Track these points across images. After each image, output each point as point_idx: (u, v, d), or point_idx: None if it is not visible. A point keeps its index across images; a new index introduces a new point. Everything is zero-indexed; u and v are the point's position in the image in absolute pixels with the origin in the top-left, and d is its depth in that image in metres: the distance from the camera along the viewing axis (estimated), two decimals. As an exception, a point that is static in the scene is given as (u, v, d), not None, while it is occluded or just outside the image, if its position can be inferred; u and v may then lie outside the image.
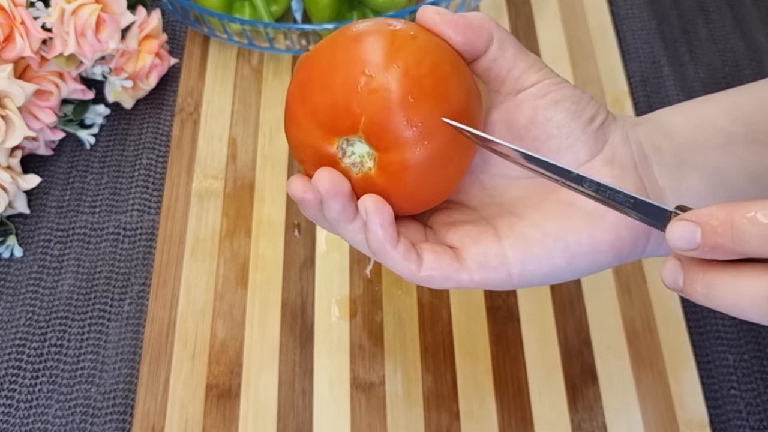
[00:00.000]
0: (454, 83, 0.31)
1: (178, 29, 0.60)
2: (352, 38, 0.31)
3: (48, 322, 0.48)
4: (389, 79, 0.29)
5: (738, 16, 0.62)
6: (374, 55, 0.30)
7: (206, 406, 0.45)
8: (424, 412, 0.44)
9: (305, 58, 0.32)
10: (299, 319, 0.47)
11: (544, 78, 0.33)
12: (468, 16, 0.32)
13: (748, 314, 0.23)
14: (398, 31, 0.31)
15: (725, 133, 0.34)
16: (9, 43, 0.47)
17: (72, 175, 0.54)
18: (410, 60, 0.30)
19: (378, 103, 0.29)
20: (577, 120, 0.33)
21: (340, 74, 0.30)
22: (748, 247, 0.22)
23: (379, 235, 0.30)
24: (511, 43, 0.33)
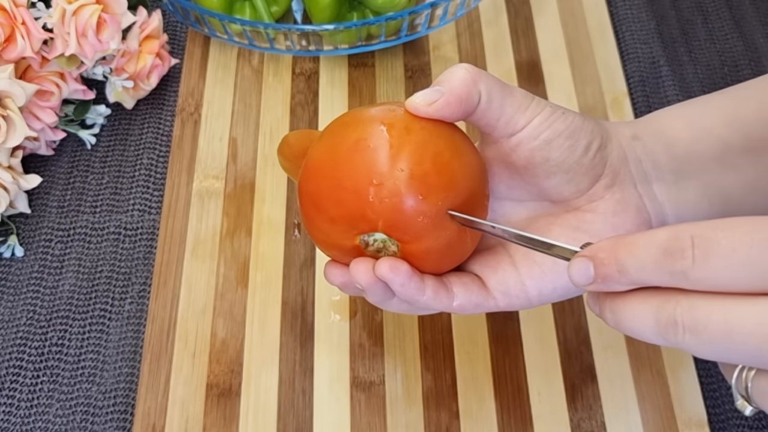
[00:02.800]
0: (457, 168, 0.32)
1: (178, 30, 0.60)
2: (352, 146, 0.32)
3: (49, 321, 0.48)
4: (397, 184, 0.31)
5: (737, 16, 0.62)
6: (377, 161, 0.31)
7: (207, 405, 0.45)
8: (423, 412, 0.44)
9: (309, 166, 0.33)
10: (299, 318, 0.47)
11: (532, 117, 0.33)
12: (454, 86, 0.32)
13: (645, 336, 0.24)
14: (393, 128, 0.32)
15: (724, 142, 0.34)
16: (10, 44, 0.47)
17: (73, 175, 0.54)
18: (412, 160, 0.31)
19: (391, 208, 0.31)
20: (573, 154, 0.33)
21: (349, 187, 0.31)
22: (631, 276, 0.24)
23: (403, 292, 0.32)
24: (496, 90, 0.32)
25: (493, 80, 0.32)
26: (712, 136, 0.34)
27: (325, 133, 0.34)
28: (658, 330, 0.23)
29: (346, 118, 0.34)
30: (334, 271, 0.34)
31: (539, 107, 0.33)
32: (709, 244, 0.22)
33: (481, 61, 0.58)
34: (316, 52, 0.56)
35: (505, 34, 0.60)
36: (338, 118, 0.34)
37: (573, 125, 0.33)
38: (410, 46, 0.59)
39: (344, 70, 0.58)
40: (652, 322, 0.23)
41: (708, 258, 0.22)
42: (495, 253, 0.35)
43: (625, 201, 0.34)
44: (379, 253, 0.33)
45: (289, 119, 0.56)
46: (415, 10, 0.54)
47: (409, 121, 0.32)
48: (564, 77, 0.57)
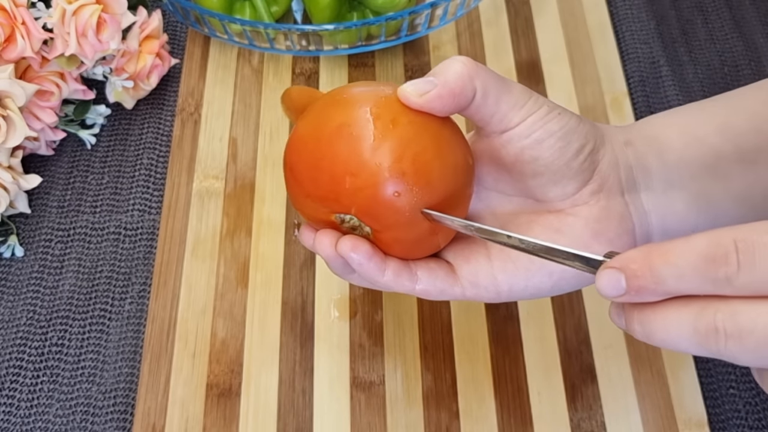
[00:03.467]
0: (437, 168, 0.32)
1: (178, 30, 0.60)
2: (335, 130, 0.32)
3: (49, 321, 0.48)
4: (373, 178, 0.31)
5: (737, 16, 0.62)
6: (357, 152, 0.31)
7: (207, 405, 0.45)
8: (423, 412, 0.44)
9: (294, 139, 0.33)
10: (299, 318, 0.47)
11: (527, 116, 0.32)
12: (448, 79, 0.31)
13: (681, 347, 0.23)
14: (379, 119, 0.31)
15: (716, 151, 0.34)
16: (10, 44, 0.47)
17: (73, 175, 0.54)
18: (391, 156, 0.31)
19: (364, 199, 0.31)
20: (563, 156, 0.33)
21: (327, 170, 0.31)
22: (668, 286, 0.23)
23: (362, 271, 0.33)
24: (492, 86, 0.32)
25: (490, 75, 0.32)
26: (704, 145, 0.34)
27: (317, 106, 0.34)
28: (698, 339, 0.22)
29: (338, 95, 0.33)
30: (307, 233, 0.34)
31: (536, 105, 0.33)
32: (755, 248, 0.21)
33: (481, 61, 0.58)
34: (316, 52, 0.56)
35: (505, 34, 0.60)
36: (332, 93, 0.34)
37: (567, 126, 0.33)
38: (410, 46, 0.59)
39: (344, 70, 0.58)
40: (689, 332, 0.23)
41: (754, 262, 0.21)
42: (470, 242, 0.35)
43: (610, 208, 0.33)
44: (354, 231, 0.33)
45: (289, 119, 0.56)
46: (415, 10, 0.54)
47: (397, 112, 0.32)
48: (564, 77, 0.57)
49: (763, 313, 0.21)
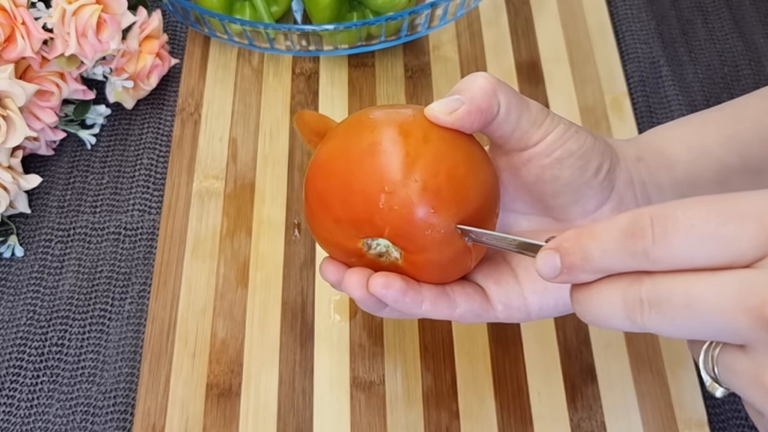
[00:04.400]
0: (471, 184, 0.32)
1: (178, 30, 0.60)
2: (367, 148, 0.31)
3: (49, 321, 0.48)
4: (409, 194, 0.30)
5: (737, 16, 0.62)
6: (391, 169, 0.30)
7: (207, 405, 0.45)
8: (423, 412, 0.44)
9: (320, 162, 0.32)
10: (299, 318, 0.47)
11: (546, 134, 0.32)
12: (474, 95, 0.31)
13: (614, 322, 0.24)
14: (411, 135, 0.31)
15: (723, 164, 0.34)
16: (10, 44, 0.47)
17: (73, 175, 0.54)
18: (426, 171, 0.30)
19: (400, 218, 0.30)
20: (583, 176, 0.33)
21: (360, 190, 0.31)
22: (594, 263, 0.24)
23: (398, 306, 0.32)
24: (514, 102, 0.32)
25: (511, 91, 0.32)
26: (711, 158, 0.34)
27: (340, 129, 0.33)
28: (626, 313, 0.23)
29: (362, 117, 0.33)
30: (330, 268, 0.34)
31: (553, 124, 0.33)
32: (667, 222, 0.22)
33: (481, 61, 0.58)
34: (316, 52, 0.56)
35: (505, 34, 0.60)
36: (354, 117, 0.33)
37: (585, 146, 0.33)
38: (410, 46, 0.59)
39: (344, 70, 0.58)
40: (619, 307, 0.23)
41: (667, 235, 0.22)
42: (497, 264, 0.35)
43: None
44: (381, 258, 0.32)
45: (289, 119, 0.56)
46: (415, 10, 0.54)
47: (427, 130, 0.31)
48: (564, 77, 0.57)
49: (678, 284, 0.22)
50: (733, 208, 0.22)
